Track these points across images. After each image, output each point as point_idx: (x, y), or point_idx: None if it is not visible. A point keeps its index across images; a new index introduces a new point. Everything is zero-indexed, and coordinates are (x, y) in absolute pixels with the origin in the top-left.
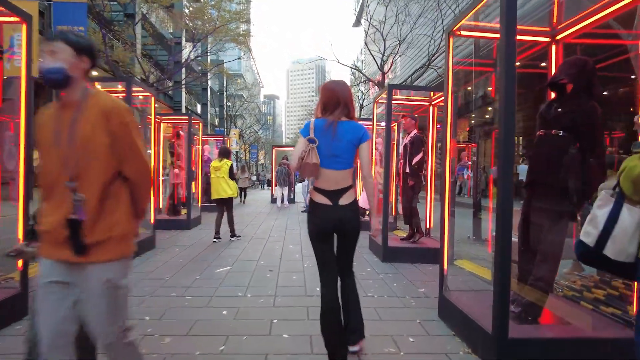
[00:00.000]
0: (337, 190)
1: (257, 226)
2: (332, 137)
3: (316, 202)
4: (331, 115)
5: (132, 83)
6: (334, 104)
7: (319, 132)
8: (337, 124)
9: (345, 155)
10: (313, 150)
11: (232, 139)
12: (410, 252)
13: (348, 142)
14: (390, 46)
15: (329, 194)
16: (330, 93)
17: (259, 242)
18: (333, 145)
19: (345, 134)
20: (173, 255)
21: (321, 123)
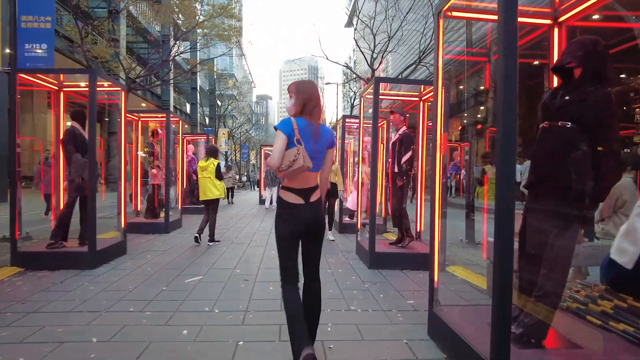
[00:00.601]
0: (308, 189)
1: (240, 229)
2: (314, 140)
3: (289, 202)
4: (310, 116)
5: (98, 76)
6: (313, 104)
7: (302, 133)
8: (317, 126)
9: (321, 157)
10: (305, 154)
11: (220, 138)
12: (399, 258)
13: (324, 144)
14: (380, 42)
15: (301, 192)
16: (310, 93)
17: (239, 247)
18: (313, 148)
19: (323, 136)
20: (143, 263)
21: (303, 123)
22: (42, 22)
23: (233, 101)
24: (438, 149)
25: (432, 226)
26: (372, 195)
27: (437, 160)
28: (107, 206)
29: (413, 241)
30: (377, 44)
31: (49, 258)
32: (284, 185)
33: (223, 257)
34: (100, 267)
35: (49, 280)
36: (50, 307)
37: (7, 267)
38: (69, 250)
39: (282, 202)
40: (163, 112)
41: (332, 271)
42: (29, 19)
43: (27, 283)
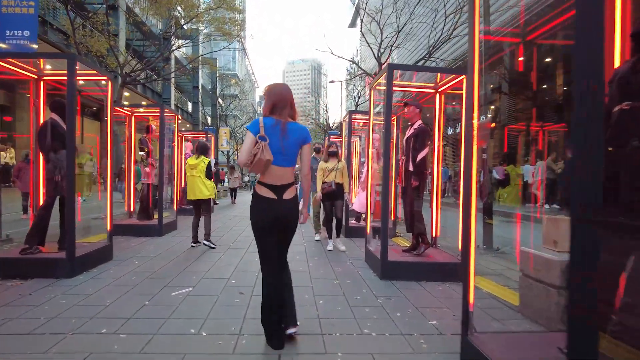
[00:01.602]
0: (282, 186)
1: (238, 232)
2: (281, 136)
3: (262, 196)
4: (280, 115)
5: (78, 62)
6: (282, 105)
7: (269, 131)
8: (285, 124)
9: (291, 153)
10: (266, 147)
11: (222, 137)
12: (414, 267)
13: (294, 141)
14: (388, 36)
15: (275, 188)
16: (279, 95)
17: (236, 253)
18: (282, 144)
19: (292, 133)
20: (128, 271)
21: (270, 122)
22: (24, 6)
23: (235, 100)
24: (475, 140)
25: (467, 234)
26: (385, 197)
27: (473, 154)
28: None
29: (429, 248)
30: (385, 37)
31: (21, 265)
32: (259, 180)
33: (217, 265)
34: (79, 276)
35: (16, 292)
36: (5, 327)
37: None
38: (45, 257)
39: (256, 195)
40: (157, 106)
41: (340, 282)
42: (10, 3)
43: None
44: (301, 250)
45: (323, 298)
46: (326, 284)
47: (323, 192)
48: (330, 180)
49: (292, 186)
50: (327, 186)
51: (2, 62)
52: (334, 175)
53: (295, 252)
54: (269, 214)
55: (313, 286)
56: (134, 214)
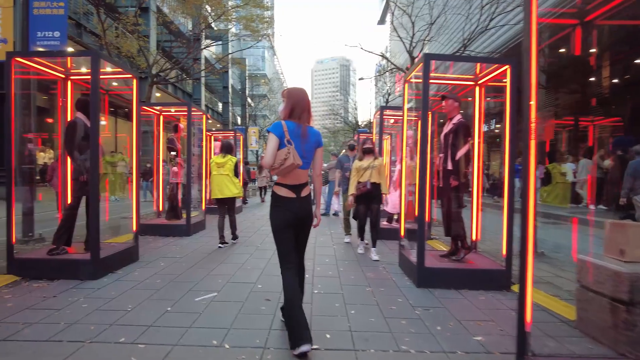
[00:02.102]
0: (299, 185)
1: (266, 232)
2: (303, 140)
3: (281, 196)
4: (299, 119)
5: (101, 59)
6: (301, 109)
7: (292, 135)
8: (306, 128)
9: (309, 156)
10: (295, 152)
11: (251, 137)
12: (454, 274)
13: (312, 145)
14: (420, 29)
15: (293, 188)
16: (299, 99)
17: (262, 255)
18: (303, 147)
19: (311, 137)
20: (152, 273)
21: (292, 126)
22: (54, 7)
23: (264, 99)
24: (532, 134)
25: (524, 241)
26: (421, 198)
27: (531, 151)
28: None
29: (469, 253)
30: (417, 31)
31: (48, 266)
32: (277, 182)
33: (244, 268)
34: (104, 278)
35: (41, 294)
36: (25, 333)
37: (1, 275)
38: (69, 258)
39: (275, 196)
40: (184, 104)
41: (373, 290)
42: (41, 5)
43: (16, 297)
44: (330, 253)
45: (355, 307)
46: (358, 292)
47: (357, 194)
48: (365, 180)
49: (307, 185)
50: (361, 186)
51: (28, 60)
52: (369, 175)
53: (324, 254)
54: (290, 212)
55: (344, 293)
56: (162, 213)
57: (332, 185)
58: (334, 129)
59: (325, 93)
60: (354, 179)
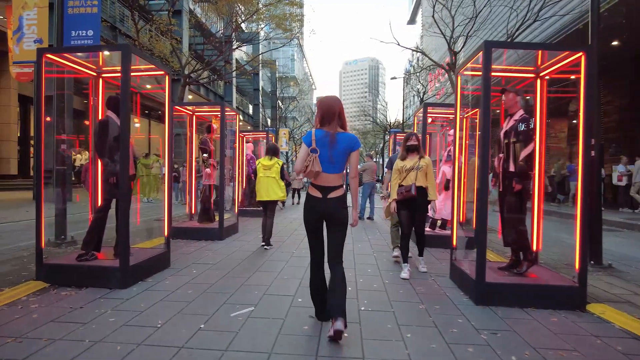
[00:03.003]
0: (329, 187)
1: (301, 236)
2: (330, 146)
3: (311, 195)
4: (329, 127)
5: (133, 53)
6: (330, 116)
7: (319, 142)
8: (334, 135)
9: (339, 161)
10: (316, 160)
11: (281, 138)
12: (519, 290)
13: (342, 150)
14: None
15: (322, 189)
16: (327, 107)
17: (299, 263)
18: (330, 154)
19: (340, 143)
20: (185, 282)
21: (321, 134)
22: (88, 6)
23: (294, 101)
24: None
25: None
26: (482, 202)
27: None
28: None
29: (532, 266)
30: (457, 26)
31: (77, 272)
32: (312, 183)
33: (280, 277)
34: (133, 287)
35: (68, 304)
36: (47, 351)
37: (31, 281)
38: (98, 265)
39: (307, 195)
40: (217, 104)
41: (427, 308)
42: (75, 4)
43: (42, 307)
44: (371, 262)
45: (410, 330)
46: (411, 310)
47: (399, 199)
48: (409, 184)
49: (338, 188)
50: (404, 191)
51: (59, 57)
52: (413, 177)
53: (365, 263)
54: (315, 210)
55: (395, 312)
56: (194, 215)
57: (365, 188)
58: (364, 130)
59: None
60: (395, 182)
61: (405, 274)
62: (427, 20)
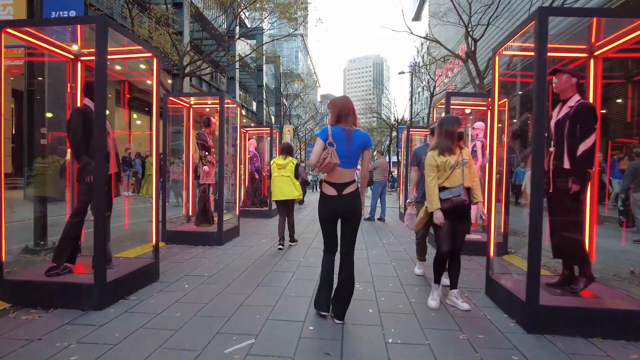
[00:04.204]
0: (343, 183)
1: (308, 242)
2: (347, 142)
3: (325, 194)
4: (345, 123)
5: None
6: (346, 114)
7: (336, 137)
8: (351, 131)
9: (354, 157)
10: (334, 152)
11: (286, 135)
12: (581, 316)
13: (357, 146)
14: (478, 11)
15: (337, 185)
16: (342, 105)
17: (308, 274)
18: (347, 149)
19: (356, 140)
20: (173, 300)
21: (337, 130)
22: None
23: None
24: None
25: None
26: (536, 204)
27: None
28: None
29: (590, 284)
30: (474, 13)
31: (45, 290)
32: (325, 180)
33: (287, 295)
34: (110, 308)
35: (25, 334)
36: None
37: None
38: (70, 281)
39: (321, 192)
40: (216, 95)
41: (468, 338)
42: None
43: None
44: (390, 273)
45: None
46: (450, 342)
47: (446, 208)
48: (454, 185)
49: (353, 183)
50: (454, 197)
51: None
52: (460, 176)
53: (383, 275)
54: (331, 207)
55: (430, 344)
56: (192, 217)
57: (376, 186)
58: (369, 127)
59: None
60: (433, 183)
61: (435, 302)
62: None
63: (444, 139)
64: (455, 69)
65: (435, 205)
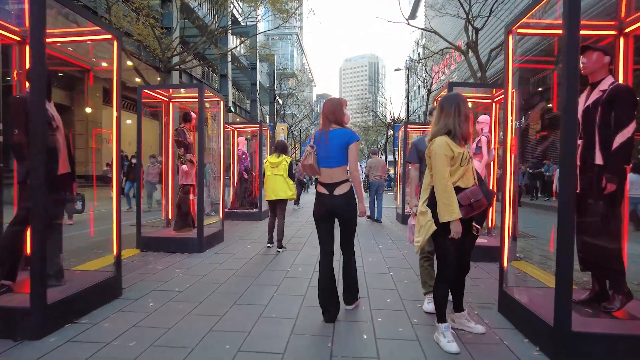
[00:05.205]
0: (333, 183)
1: (298, 246)
2: (325, 142)
3: (318, 192)
4: (327, 126)
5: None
6: (327, 115)
7: (316, 141)
8: (327, 132)
9: (336, 156)
10: (310, 154)
11: (279, 134)
12: (623, 345)
13: (337, 145)
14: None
15: (327, 186)
16: (326, 108)
17: (293, 287)
18: (325, 149)
19: (334, 139)
20: (132, 323)
21: (317, 134)
22: None
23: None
24: None
25: None
26: (566, 208)
27: None
28: None
29: (628, 302)
30: (474, 2)
31: None
32: (319, 181)
33: (267, 315)
34: (51, 336)
35: None
36: None
37: None
38: (4, 304)
39: (316, 192)
40: (195, 86)
41: None
42: None
43: None
44: (389, 285)
45: None
46: None
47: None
48: (471, 186)
49: (343, 183)
50: (473, 200)
51: None
52: (473, 173)
53: (381, 288)
54: (323, 207)
55: None
56: (172, 221)
57: (371, 187)
58: (365, 126)
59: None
60: (446, 182)
61: (454, 345)
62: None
63: (463, 121)
64: (452, 65)
65: (456, 213)
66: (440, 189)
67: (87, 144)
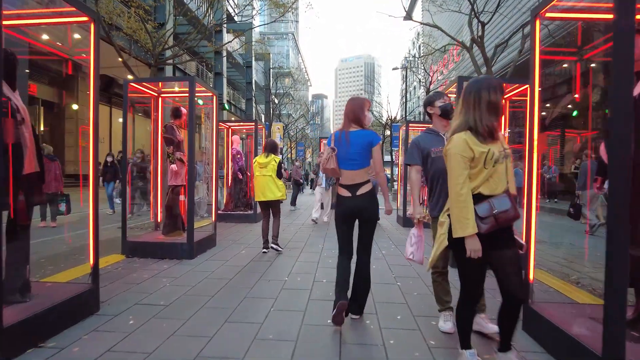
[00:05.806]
0: (355, 185)
1: (296, 253)
2: (347, 144)
3: (340, 195)
4: (349, 126)
5: None
6: (348, 115)
7: (337, 142)
8: (348, 133)
9: (358, 158)
10: (332, 157)
11: (275, 133)
12: None
13: (359, 146)
14: None
15: (349, 187)
16: (348, 107)
17: (291, 301)
18: (347, 151)
19: (356, 140)
20: (107, 347)
21: (338, 135)
22: None
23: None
24: None
25: None
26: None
27: None
28: None
29: None
30: None
31: None
32: (339, 183)
33: (262, 337)
34: None
35: None
36: None
37: None
38: None
39: (337, 195)
40: (185, 79)
41: None
42: None
43: None
44: (397, 297)
45: None
46: None
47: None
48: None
49: (365, 184)
50: (499, 212)
51: None
52: (504, 176)
53: (389, 302)
54: (346, 209)
55: None
56: (160, 225)
57: None
58: None
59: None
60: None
61: None
62: None
63: (487, 113)
64: (450, 65)
65: (471, 227)
66: (453, 196)
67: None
